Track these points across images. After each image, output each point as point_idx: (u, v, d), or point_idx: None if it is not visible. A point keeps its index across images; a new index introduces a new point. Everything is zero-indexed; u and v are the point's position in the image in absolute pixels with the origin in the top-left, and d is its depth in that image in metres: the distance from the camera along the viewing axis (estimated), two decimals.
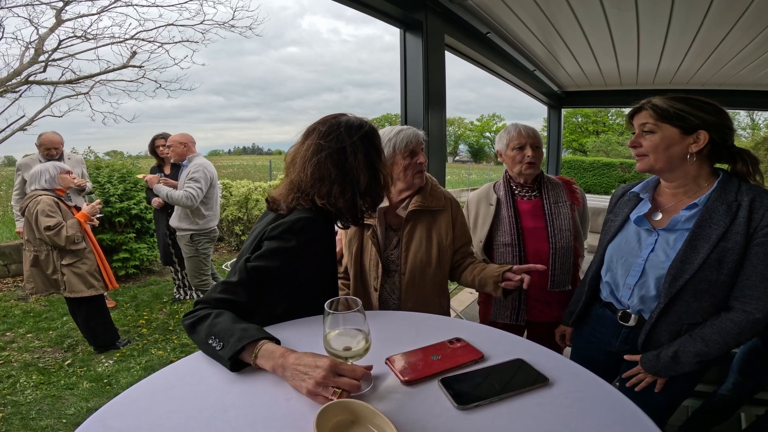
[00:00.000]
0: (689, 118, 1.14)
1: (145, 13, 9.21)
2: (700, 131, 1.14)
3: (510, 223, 1.84)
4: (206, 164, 3.55)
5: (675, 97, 1.19)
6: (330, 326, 0.81)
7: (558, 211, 1.82)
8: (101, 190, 4.95)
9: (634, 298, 1.28)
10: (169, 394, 0.81)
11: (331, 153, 1.09)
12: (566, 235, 1.80)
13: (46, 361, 3.20)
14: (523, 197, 1.90)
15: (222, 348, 0.87)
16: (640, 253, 1.26)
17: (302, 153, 1.12)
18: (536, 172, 1.87)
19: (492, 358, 0.93)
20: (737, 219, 1.10)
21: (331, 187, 1.09)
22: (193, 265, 3.63)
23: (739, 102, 4.78)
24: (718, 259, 1.11)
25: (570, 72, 4.62)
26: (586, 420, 0.73)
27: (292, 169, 1.15)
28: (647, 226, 1.27)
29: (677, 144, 1.16)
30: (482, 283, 1.47)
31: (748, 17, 2.59)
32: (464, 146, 63.34)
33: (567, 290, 1.83)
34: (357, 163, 1.10)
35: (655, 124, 1.18)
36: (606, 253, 1.38)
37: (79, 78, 7.66)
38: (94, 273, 3.09)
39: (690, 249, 1.14)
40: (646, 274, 1.24)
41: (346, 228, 1.24)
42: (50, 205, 2.86)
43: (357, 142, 1.12)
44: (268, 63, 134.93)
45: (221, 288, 1.02)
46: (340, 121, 1.13)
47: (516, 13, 2.91)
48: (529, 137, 1.83)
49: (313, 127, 1.14)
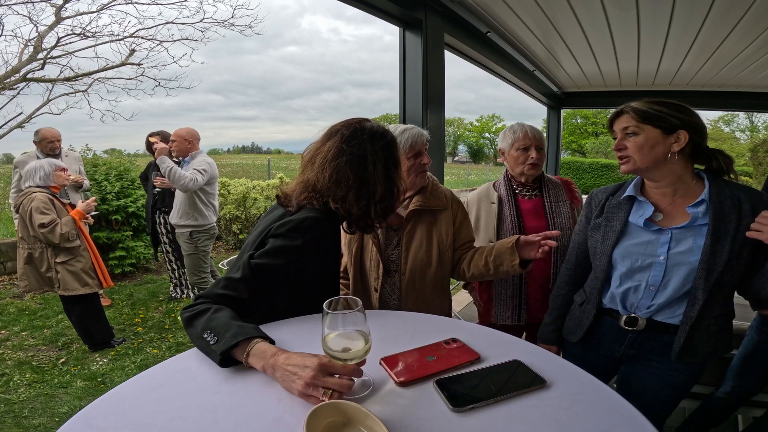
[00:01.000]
0: (669, 119, 1.19)
1: (145, 11, 9.20)
2: (680, 131, 1.19)
3: (512, 222, 1.83)
4: (211, 161, 3.52)
5: (651, 100, 1.24)
6: (329, 327, 0.78)
7: (559, 210, 1.83)
8: (98, 187, 4.93)
9: (657, 299, 1.25)
10: (157, 394, 0.79)
11: (351, 159, 1.09)
12: (567, 234, 1.79)
13: (40, 360, 3.18)
14: (524, 196, 1.90)
15: (216, 342, 0.86)
16: (657, 253, 1.24)
17: (323, 153, 1.11)
18: (538, 173, 1.87)
19: (488, 359, 0.92)
20: (743, 211, 1.15)
21: (347, 192, 1.09)
22: (193, 262, 3.60)
23: (738, 104, 4.77)
24: (738, 251, 1.15)
25: (570, 72, 4.61)
26: (583, 423, 0.71)
27: (309, 168, 1.14)
28: (654, 227, 1.27)
29: (660, 144, 1.20)
30: (497, 263, 1.43)
31: (749, 18, 2.58)
32: (463, 147, 63.41)
33: None
34: (376, 172, 1.11)
35: (638, 126, 1.22)
36: (613, 260, 1.34)
37: (78, 75, 7.65)
38: (88, 271, 3.06)
39: (716, 242, 1.15)
40: (669, 272, 1.22)
41: (353, 234, 1.23)
42: (45, 202, 2.83)
43: (378, 151, 1.12)
44: (268, 62, 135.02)
45: (223, 284, 1.01)
46: (365, 128, 1.13)
47: (516, 13, 2.89)
48: (535, 139, 1.83)
49: (337, 129, 1.14)
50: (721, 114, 31.83)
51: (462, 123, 62.55)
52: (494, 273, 1.46)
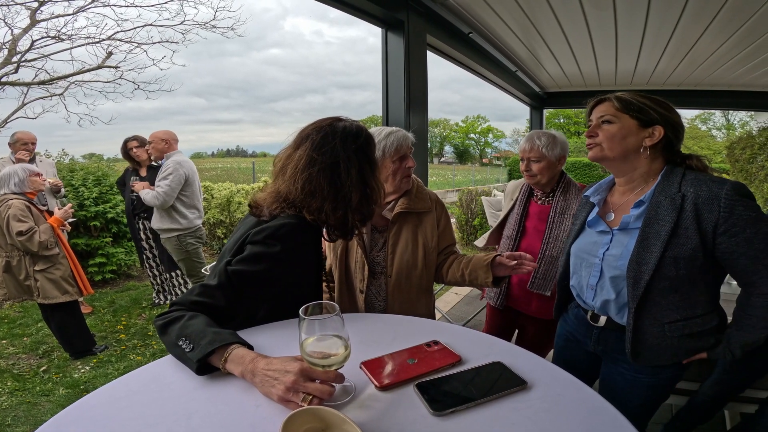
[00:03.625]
0: (649, 112, 1.17)
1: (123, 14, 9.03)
2: (656, 126, 1.17)
3: (516, 220, 1.96)
4: (182, 161, 3.41)
5: (637, 92, 1.22)
6: (306, 332, 0.76)
7: (561, 221, 1.82)
8: (75, 193, 4.80)
9: (597, 299, 1.28)
10: (130, 401, 0.77)
11: (324, 167, 1.04)
12: (560, 246, 1.80)
13: (21, 368, 3.11)
14: (537, 200, 1.95)
15: (191, 350, 0.84)
16: (597, 254, 1.27)
17: (294, 163, 1.06)
18: (539, 181, 1.86)
19: (470, 361, 0.91)
20: (684, 212, 1.09)
21: (322, 203, 1.05)
22: (187, 266, 3.53)
23: (714, 102, 4.89)
24: (673, 256, 1.10)
25: (551, 73, 4.67)
26: (564, 425, 0.71)
27: (281, 177, 1.09)
28: (602, 227, 1.28)
29: (633, 135, 1.18)
30: (472, 277, 1.47)
31: (723, 17, 2.64)
32: (450, 147, 63.74)
33: (546, 295, 1.85)
34: (350, 179, 1.06)
35: (615, 115, 1.20)
36: (569, 257, 1.40)
37: (53, 79, 7.47)
38: (68, 278, 2.99)
39: (643, 249, 1.13)
40: (604, 274, 1.24)
41: (333, 241, 1.20)
42: (21, 209, 2.75)
43: (352, 155, 1.07)
44: (251, 65, 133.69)
45: (199, 290, 0.98)
46: (337, 130, 1.08)
47: (497, 13, 2.92)
48: (526, 152, 1.85)
49: (307, 134, 1.09)
50: (698, 113, 32.65)
51: (448, 124, 62.92)
52: (469, 283, 1.53)
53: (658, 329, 1.17)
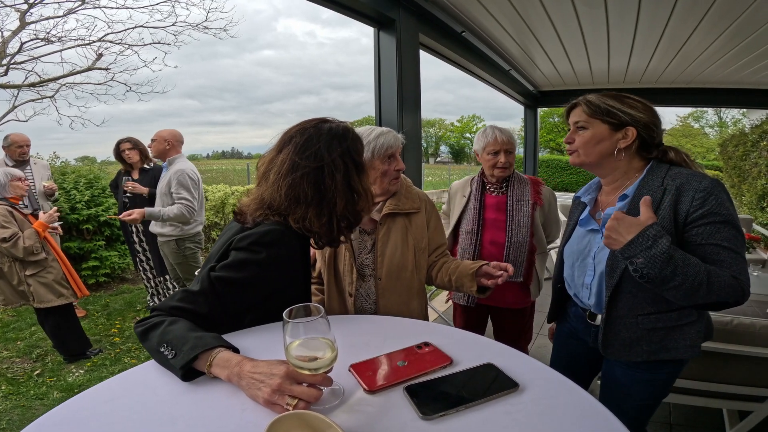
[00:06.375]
0: (619, 115, 1.18)
1: (114, 15, 8.96)
2: (628, 128, 1.18)
3: (474, 214, 2.03)
4: (188, 169, 3.28)
5: (608, 94, 1.23)
6: (291, 336, 0.75)
7: (519, 208, 1.97)
8: (67, 196, 4.76)
9: (592, 297, 1.29)
10: (113, 405, 0.76)
11: (307, 172, 1.01)
12: (523, 231, 1.95)
13: (15, 372, 3.09)
14: (492, 192, 2.07)
15: (174, 357, 0.82)
16: (590, 253, 1.28)
17: (277, 167, 1.03)
18: (506, 174, 2.00)
19: (461, 362, 0.90)
20: (662, 204, 1.10)
21: (306, 210, 1.02)
22: (185, 269, 3.46)
23: (706, 100, 4.92)
24: None
25: (545, 71, 4.68)
26: (556, 428, 0.70)
27: (264, 183, 1.06)
28: (593, 226, 1.29)
29: (606, 140, 1.20)
30: (458, 284, 1.46)
31: (713, 14, 2.65)
32: (445, 147, 63.78)
33: (519, 281, 2.00)
34: (335, 184, 1.03)
35: (587, 121, 1.22)
36: (564, 257, 1.42)
37: (43, 81, 7.40)
38: (61, 281, 2.96)
39: None
40: (596, 271, 1.26)
41: (321, 248, 1.16)
42: (3, 215, 2.70)
43: (337, 159, 1.03)
44: (244, 66, 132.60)
45: (180, 296, 0.96)
46: (321, 132, 1.04)
47: (490, 12, 2.91)
48: (503, 143, 1.95)
49: (291, 136, 1.05)
50: (691, 110, 32.82)
51: (443, 124, 62.90)
52: (456, 289, 1.53)
53: (632, 320, 1.19)
